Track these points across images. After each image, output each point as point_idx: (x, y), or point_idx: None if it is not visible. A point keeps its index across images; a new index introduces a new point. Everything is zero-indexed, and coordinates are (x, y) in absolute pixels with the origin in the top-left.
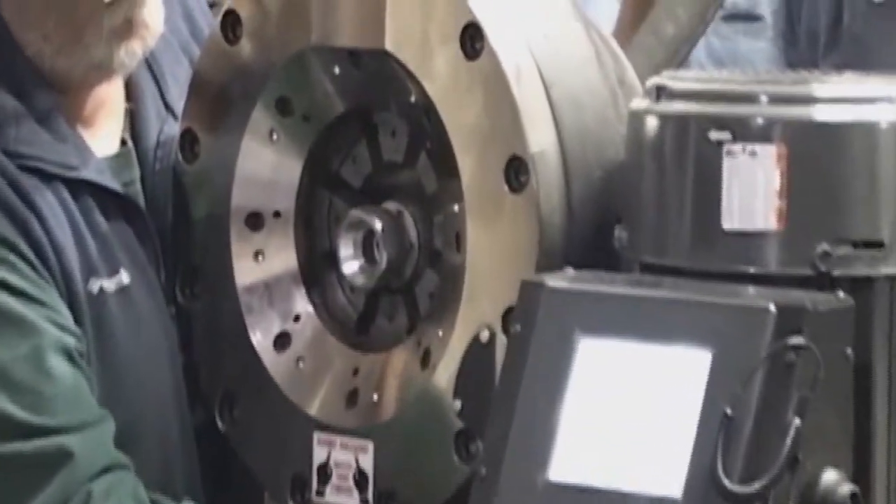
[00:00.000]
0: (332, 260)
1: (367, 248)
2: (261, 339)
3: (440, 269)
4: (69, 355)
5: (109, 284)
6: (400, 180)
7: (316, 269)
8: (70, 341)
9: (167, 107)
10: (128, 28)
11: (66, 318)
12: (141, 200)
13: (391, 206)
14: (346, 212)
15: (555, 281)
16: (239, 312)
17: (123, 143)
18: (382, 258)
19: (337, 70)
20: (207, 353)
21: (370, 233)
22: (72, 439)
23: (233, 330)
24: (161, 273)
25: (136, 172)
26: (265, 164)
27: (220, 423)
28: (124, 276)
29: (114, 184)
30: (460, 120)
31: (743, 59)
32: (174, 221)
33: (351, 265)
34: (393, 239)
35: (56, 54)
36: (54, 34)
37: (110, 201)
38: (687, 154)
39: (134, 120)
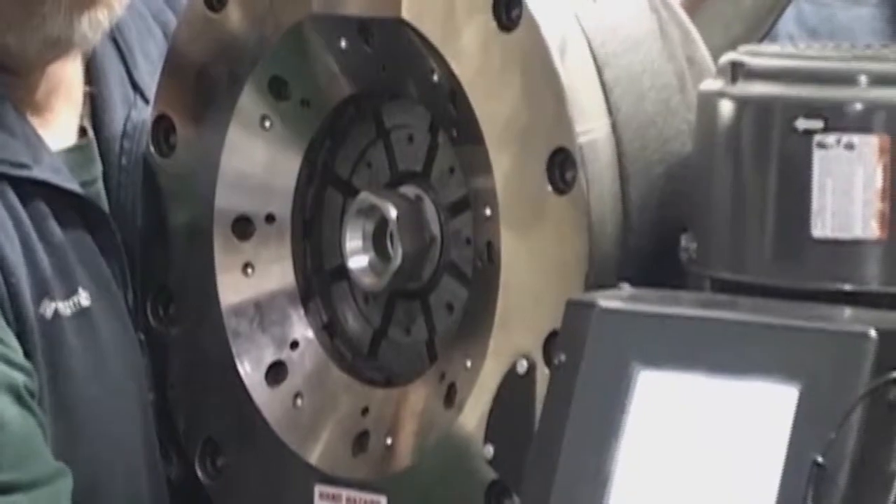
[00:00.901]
0: (338, 273)
1: (378, 241)
2: (250, 372)
3: (469, 285)
4: (18, 396)
5: (65, 307)
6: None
7: (317, 284)
8: (18, 379)
9: (135, 88)
10: None
11: (14, 350)
12: (104, 203)
13: (409, 190)
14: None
15: (608, 301)
16: (224, 339)
17: (83, 133)
18: (397, 253)
19: (343, 44)
20: (185, 390)
21: (383, 222)
22: (21, 500)
23: (216, 360)
24: (129, 292)
25: (99, 169)
26: (256, 157)
27: (200, 475)
28: (83, 297)
29: (72, 184)
30: (493, 105)
31: (841, 31)
32: (144, 228)
33: (358, 260)
34: (410, 229)
35: (6, 30)
36: (4, 6)
37: (67, 205)
38: (770, 147)
39: (95, 105)
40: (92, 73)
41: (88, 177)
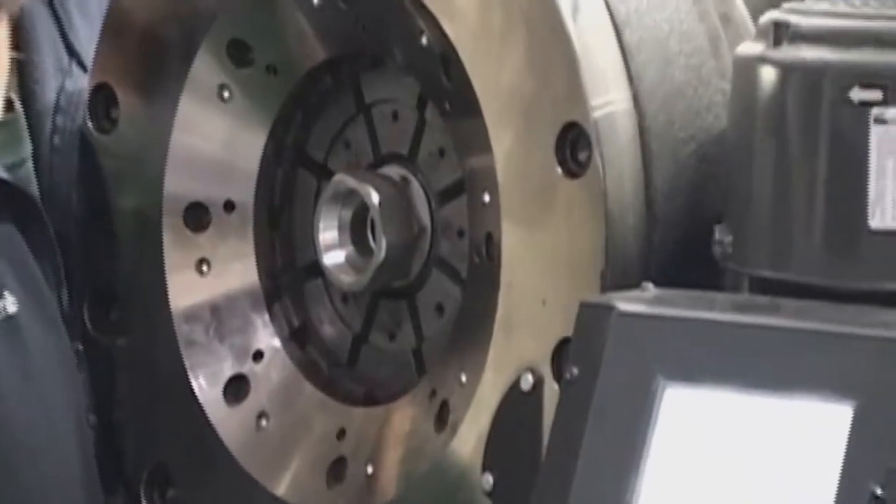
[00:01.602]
0: (311, 270)
1: (357, 232)
2: (206, 388)
3: (463, 284)
4: None
5: None
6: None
7: (286, 284)
8: None
9: (71, 53)
10: None
11: None
12: (34, 189)
13: (393, 171)
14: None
15: (628, 304)
16: (175, 349)
17: (9, 106)
18: (380, 246)
19: (316, 1)
20: (131, 409)
21: (363, 209)
22: None
23: (166, 375)
24: (63, 295)
25: (28, 148)
26: (213, 134)
27: None
28: (9, 302)
29: None
30: (493, 73)
31: None
32: (81, 219)
33: (335, 255)
34: (395, 218)
35: None
36: None
37: None
38: (819, 122)
39: (24, 74)
40: (20, 37)
41: (15, 158)
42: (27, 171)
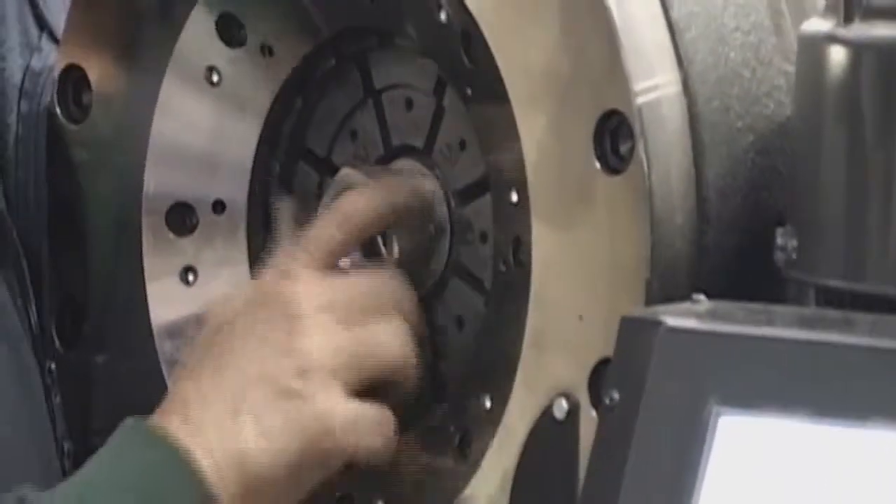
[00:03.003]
0: None
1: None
2: None
3: (487, 294)
4: None
5: None
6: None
7: None
8: None
9: (41, 25)
10: None
11: None
12: None
13: (407, 166)
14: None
15: (677, 318)
16: (157, 370)
17: None
18: (392, 251)
19: None
20: (107, 437)
21: None
22: None
23: (147, 399)
24: (31, 307)
25: None
26: (199, 123)
27: None
28: None
29: None
30: (522, 52)
31: None
32: (49, 221)
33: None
34: (409, 219)
35: None
36: None
37: None
38: None
39: None
40: None
41: None
42: None
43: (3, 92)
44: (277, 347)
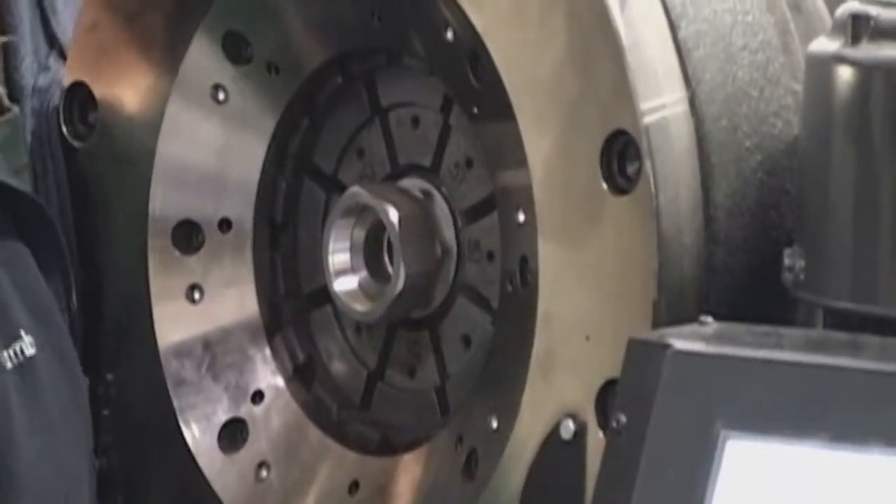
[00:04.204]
0: (319, 297)
1: (372, 254)
2: (198, 434)
3: (494, 313)
4: None
5: (6, 358)
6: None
7: (290, 313)
8: None
9: (51, 43)
10: None
11: None
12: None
13: (413, 185)
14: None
15: (684, 341)
16: (163, 389)
17: None
18: (398, 271)
19: None
20: (118, 456)
21: (379, 227)
22: None
23: (154, 418)
24: (76, 319)
25: (26, 150)
26: (205, 141)
27: None
28: (27, 343)
29: (2, 174)
30: (529, 71)
31: None
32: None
33: (345, 282)
34: (415, 238)
35: None
36: None
37: None
38: None
39: (8, 65)
40: (4, 18)
41: (18, 162)
42: (25, 181)
43: (22, 106)
44: None
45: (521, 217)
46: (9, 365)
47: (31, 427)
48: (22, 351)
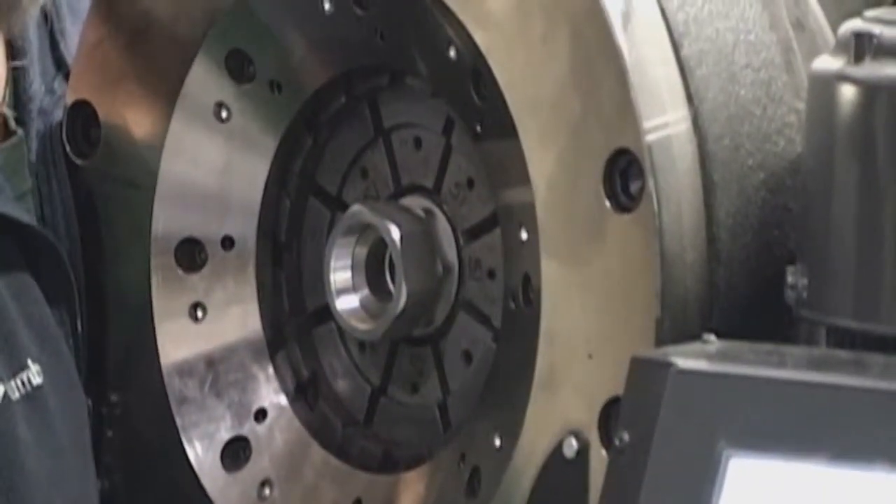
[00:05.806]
0: (321, 315)
1: (374, 273)
2: (201, 452)
3: (496, 331)
4: None
5: (13, 388)
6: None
7: (293, 331)
8: None
9: (59, 65)
10: None
11: None
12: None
13: (415, 203)
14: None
15: (687, 359)
16: (166, 407)
17: (4, 123)
18: (400, 290)
19: (327, 6)
20: (121, 477)
21: (381, 246)
22: None
23: (157, 437)
24: (81, 346)
25: (30, 177)
26: (208, 159)
27: None
28: (34, 372)
29: (7, 205)
30: (531, 90)
31: None
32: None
33: (347, 301)
34: (417, 256)
35: None
36: None
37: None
38: None
39: (18, 89)
40: (14, 44)
41: (23, 186)
42: (28, 205)
43: (29, 129)
44: None
45: (524, 235)
46: (16, 395)
47: (39, 455)
48: (29, 380)
